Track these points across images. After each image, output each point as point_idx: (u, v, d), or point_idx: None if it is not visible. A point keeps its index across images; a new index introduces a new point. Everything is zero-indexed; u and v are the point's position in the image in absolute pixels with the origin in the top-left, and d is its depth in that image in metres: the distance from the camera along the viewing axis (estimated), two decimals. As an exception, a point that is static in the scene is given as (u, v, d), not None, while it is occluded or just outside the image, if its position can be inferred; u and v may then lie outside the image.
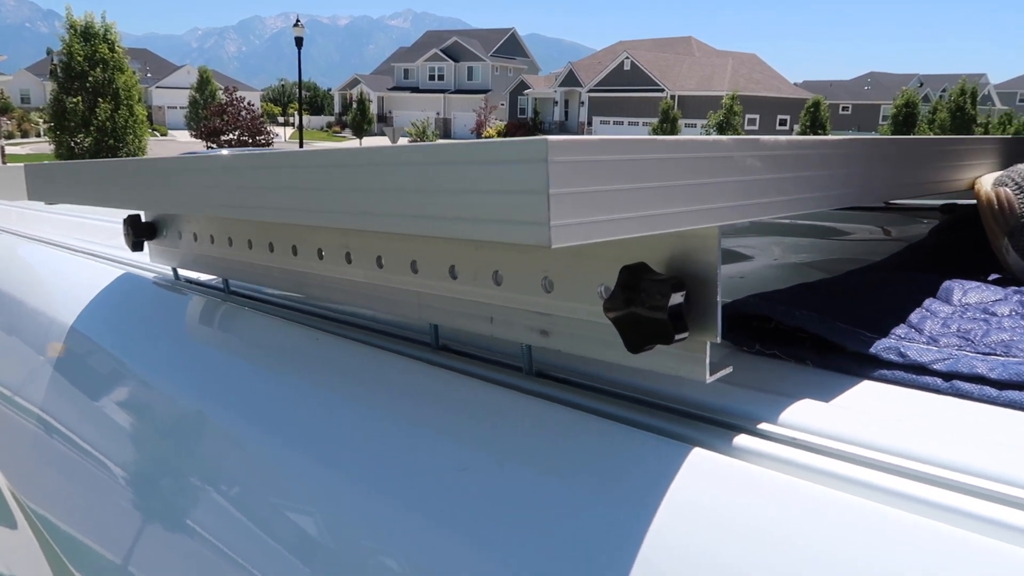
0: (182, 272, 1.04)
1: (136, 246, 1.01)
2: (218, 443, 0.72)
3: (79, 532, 0.87)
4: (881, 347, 0.54)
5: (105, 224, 1.57)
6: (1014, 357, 0.51)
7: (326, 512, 0.57)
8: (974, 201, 0.79)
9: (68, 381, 1.01)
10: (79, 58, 17.03)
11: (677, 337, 0.42)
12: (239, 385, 0.74)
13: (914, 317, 0.60)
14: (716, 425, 0.45)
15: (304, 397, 0.66)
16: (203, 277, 1.01)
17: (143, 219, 1.01)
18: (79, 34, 17.16)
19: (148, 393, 0.86)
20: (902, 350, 0.54)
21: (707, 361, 0.44)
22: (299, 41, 21.64)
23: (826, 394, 0.50)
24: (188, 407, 0.78)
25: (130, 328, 0.97)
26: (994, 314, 0.61)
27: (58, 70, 17.63)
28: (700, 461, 0.41)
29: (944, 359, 0.52)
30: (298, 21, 22.16)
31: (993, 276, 0.75)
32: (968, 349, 0.54)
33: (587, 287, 0.49)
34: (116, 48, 17.54)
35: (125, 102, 17.65)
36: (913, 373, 0.52)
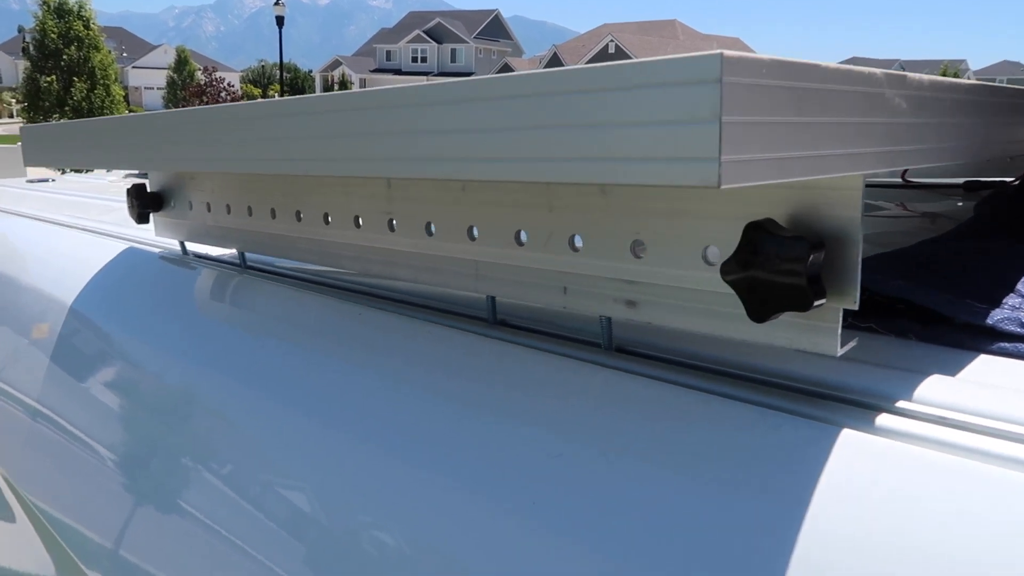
0: (190, 247, 0.97)
1: (141, 218, 0.94)
2: (263, 434, 0.65)
3: (91, 527, 0.81)
4: (997, 318, 0.49)
5: (101, 202, 1.50)
6: None
7: (402, 512, 0.51)
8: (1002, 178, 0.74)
9: (70, 367, 0.94)
10: (52, 35, 16.62)
11: (815, 303, 0.36)
12: (281, 369, 0.67)
13: (1022, 287, 0.55)
14: (849, 404, 0.40)
15: (354, 379, 0.60)
16: (213, 252, 0.95)
17: (148, 188, 0.94)
18: (52, 11, 16.74)
19: (173, 380, 0.80)
20: (1023, 320, 0.49)
21: (839, 332, 0.39)
22: (280, 20, 21.25)
23: (950, 369, 0.44)
24: (225, 396, 0.72)
25: (142, 308, 0.90)
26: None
27: (31, 48, 17.21)
28: (857, 443, 0.36)
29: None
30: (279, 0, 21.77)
31: None
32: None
33: (688, 249, 0.43)
34: (91, 25, 17.14)
35: (101, 81, 17.27)
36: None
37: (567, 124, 0.30)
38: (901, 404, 0.39)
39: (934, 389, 0.40)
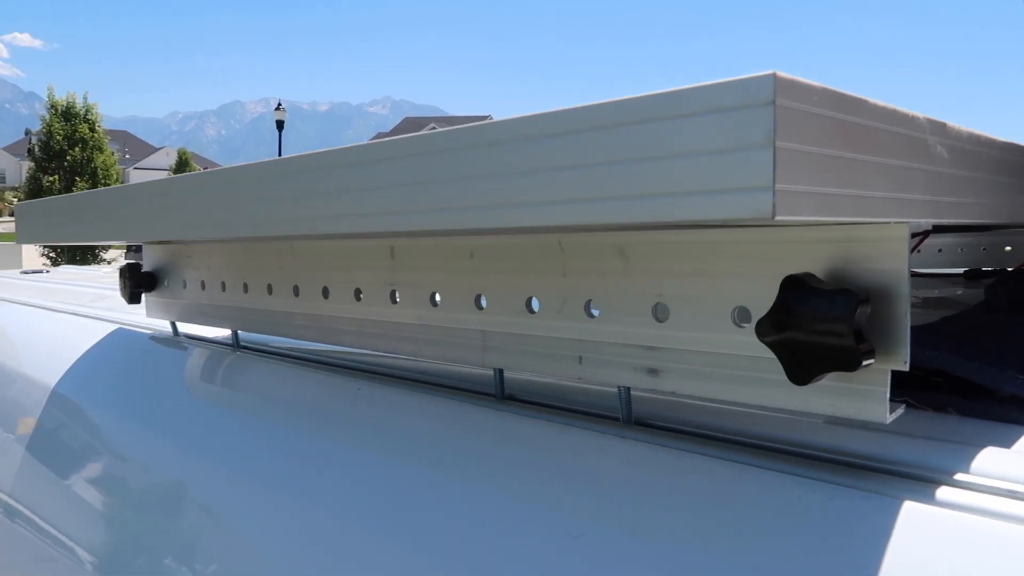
0: (182, 327, 0.94)
1: (133, 297, 0.91)
2: (261, 520, 0.60)
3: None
4: (1043, 389, 0.46)
5: (94, 290, 1.47)
6: None
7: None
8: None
9: (53, 452, 0.89)
10: (59, 137, 17.03)
11: (864, 363, 0.33)
12: (276, 450, 0.63)
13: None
14: (901, 476, 0.36)
15: (354, 459, 0.56)
16: (206, 332, 0.91)
17: (143, 268, 0.91)
18: (60, 113, 17.22)
19: (177, 464, 0.75)
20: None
21: (888, 396, 0.36)
22: (280, 124, 21.88)
23: (1001, 441, 0.41)
24: (228, 479, 0.67)
25: (129, 390, 0.86)
26: None
27: (36, 148, 17.59)
28: (926, 517, 0.32)
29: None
30: (280, 105, 22.48)
31: None
32: None
33: (715, 311, 0.41)
34: (96, 128, 17.60)
35: (103, 181, 17.57)
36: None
37: (606, 161, 0.28)
38: (960, 477, 0.35)
39: (989, 461, 0.36)
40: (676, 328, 0.43)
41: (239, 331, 0.82)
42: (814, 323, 0.34)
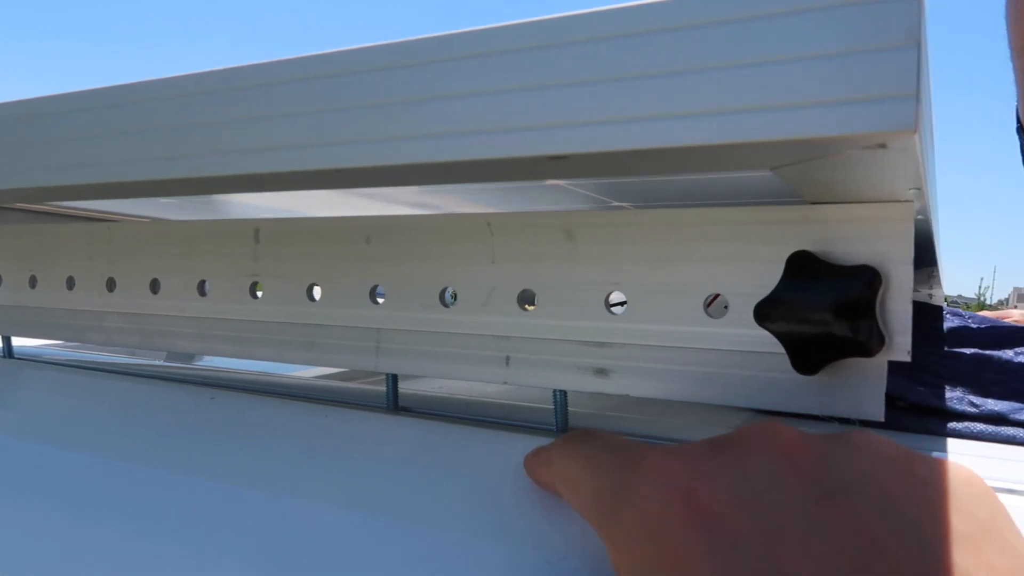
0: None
1: None
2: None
3: None
4: (953, 399, 0.47)
5: None
6: None
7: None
8: None
9: None
10: None
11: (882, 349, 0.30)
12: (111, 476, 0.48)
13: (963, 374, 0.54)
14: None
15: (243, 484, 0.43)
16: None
17: None
18: None
19: None
20: (973, 400, 0.47)
21: (883, 391, 0.33)
22: None
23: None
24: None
25: None
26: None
27: None
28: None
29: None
30: None
31: None
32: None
33: (684, 300, 0.36)
34: None
35: None
36: (995, 424, 0.45)
37: (695, 68, 0.22)
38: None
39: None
40: (633, 320, 0.37)
41: (13, 337, 0.64)
42: (831, 303, 0.30)
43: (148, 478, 0.43)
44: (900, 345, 0.32)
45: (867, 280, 0.30)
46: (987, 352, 0.51)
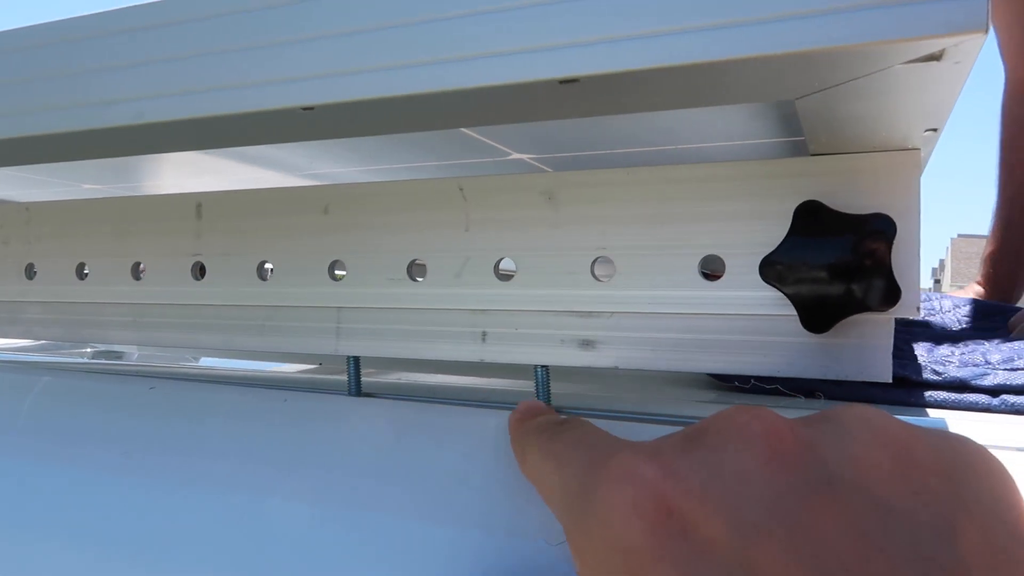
0: None
1: None
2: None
3: None
4: (916, 368, 0.46)
5: None
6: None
7: None
8: None
9: None
10: None
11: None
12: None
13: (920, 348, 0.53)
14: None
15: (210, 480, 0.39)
16: None
17: None
18: None
19: None
20: (936, 368, 0.46)
21: (891, 350, 0.31)
22: None
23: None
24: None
25: None
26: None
27: None
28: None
29: (985, 373, 0.46)
30: None
31: None
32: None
33: (678, 263, 0.34)
34: None
35: None
36: (957, 392, 0.45)
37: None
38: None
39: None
40: (623, 287, 0.35)
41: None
42: (846, 255, 0.28)
43: (92, 477, 0.38)
44: (909, 301, 0.30)
45: (882, 228, 0.28)
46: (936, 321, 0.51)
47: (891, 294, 0.28)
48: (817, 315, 0.29)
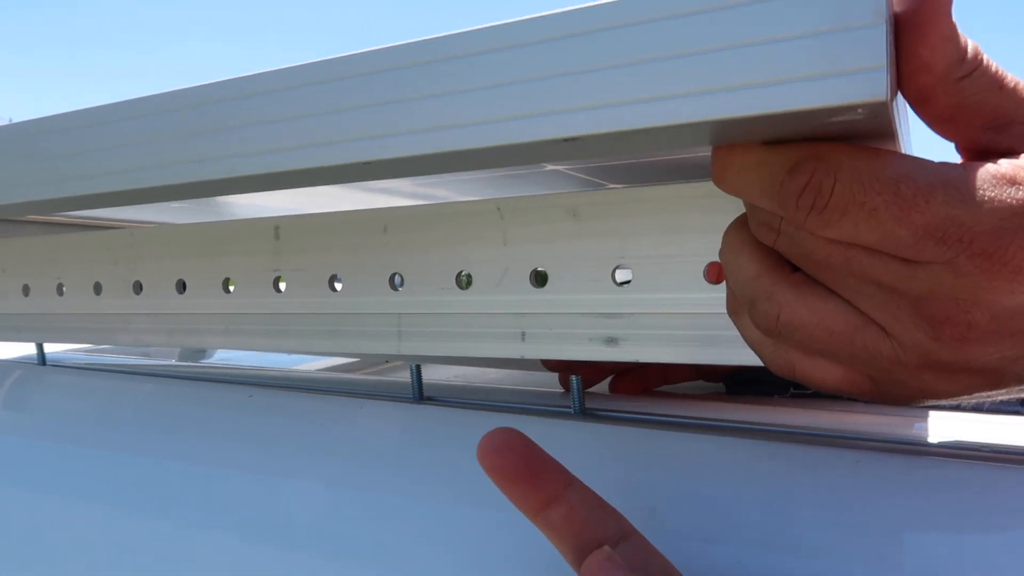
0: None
1: None
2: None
3: None
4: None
5: None
6: None
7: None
8: None
9: None
10: None
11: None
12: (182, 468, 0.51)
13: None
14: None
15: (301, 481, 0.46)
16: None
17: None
18: None
19: None
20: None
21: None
22: None
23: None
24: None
25: None
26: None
27: None
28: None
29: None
30: None
31: None
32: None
33: (683, 270, 0.39)
34: None
35: None
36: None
37: (667, 55, 0.24)
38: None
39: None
40: (640, 291, 0.40)
41: (46, 343, 0.67)
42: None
43: (196, 474, 0.46)
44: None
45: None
46: None
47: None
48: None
